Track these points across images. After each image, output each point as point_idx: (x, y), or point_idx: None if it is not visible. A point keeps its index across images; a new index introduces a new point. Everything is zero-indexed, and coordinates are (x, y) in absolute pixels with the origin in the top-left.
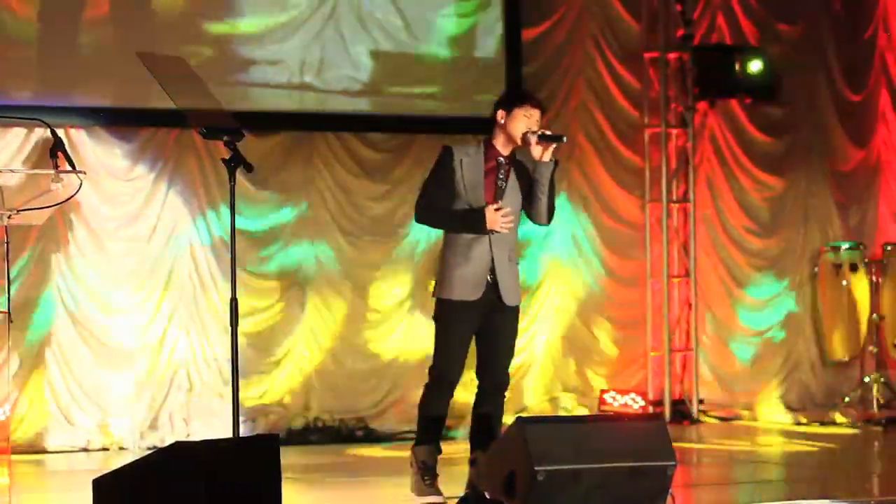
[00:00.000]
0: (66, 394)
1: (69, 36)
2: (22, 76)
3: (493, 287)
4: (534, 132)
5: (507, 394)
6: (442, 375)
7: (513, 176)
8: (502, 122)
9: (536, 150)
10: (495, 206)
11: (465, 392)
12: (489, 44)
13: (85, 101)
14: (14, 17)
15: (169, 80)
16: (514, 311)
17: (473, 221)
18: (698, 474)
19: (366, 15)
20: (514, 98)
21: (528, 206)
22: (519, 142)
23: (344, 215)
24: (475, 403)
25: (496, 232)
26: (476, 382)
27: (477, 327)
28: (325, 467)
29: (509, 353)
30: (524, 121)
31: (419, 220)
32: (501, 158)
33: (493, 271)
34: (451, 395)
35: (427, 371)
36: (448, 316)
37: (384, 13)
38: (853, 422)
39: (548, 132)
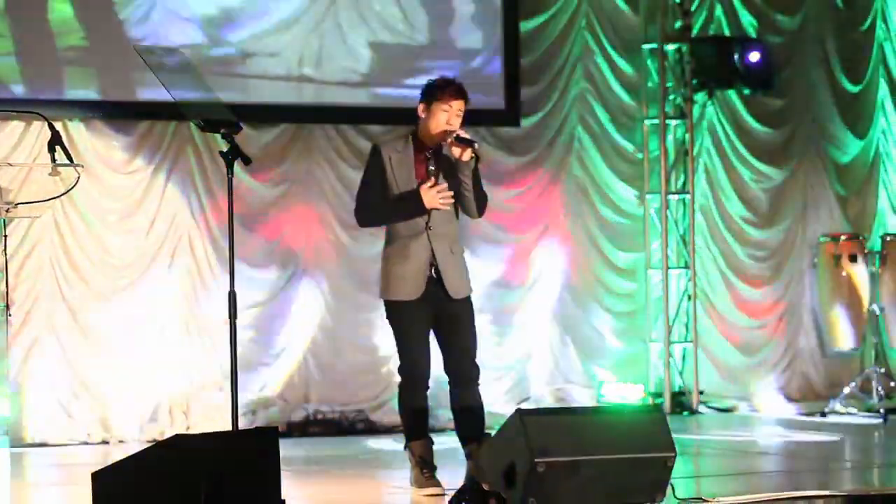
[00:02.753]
0: (65, 387)
1: (67, 29)
2: (20, 70)
3: (436, 281)
4: (449, 133)
5: (503, 385)
6: (410, 373)
7: (442, 167)
8: (423, 116)
9: (455, 150)
10: (429, 184)
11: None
12: (487, 35)
13: (82, 94)
14: (12, 10)
15: (166, 73)
16: (464, 303)
17: (411, 203)
18: (698, 465)
19: (364, 6)
20: (433, 91)
21: (458, 202)
22: (438, 139)
23: (343, 207)
24: (451, 399)
25: (433, 220)
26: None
27: (431, 319)
28: (324, 460)
29: (470, 343)
30: (443, 115)
31: (362, 222)
32: (429, 151)
33: (434, 266)
34: (427, 387)
35: (397, 371)
36: (396, 316)
37: (383, 4)
38: (853, 412)
39: (463, 134)
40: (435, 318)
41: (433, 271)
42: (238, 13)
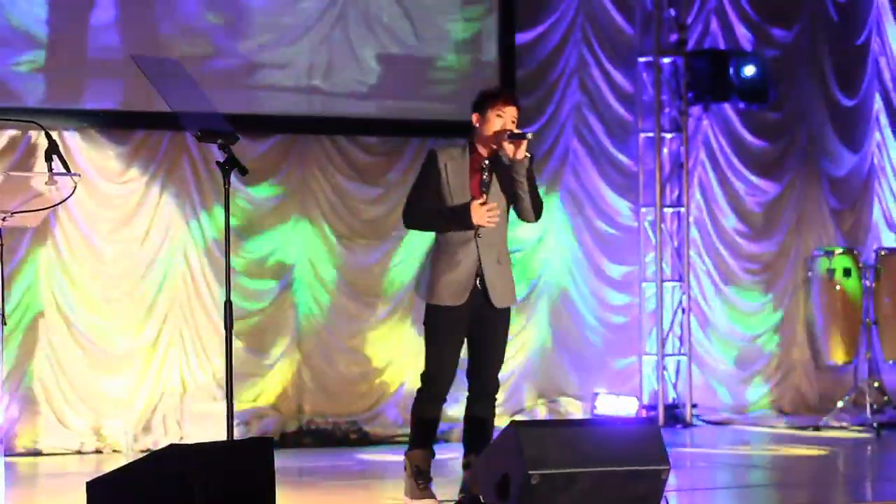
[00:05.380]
0: (59, 396)
1: (65, 39)
2: (16, 79)
3: (481, 290)
4: (503, 132)
5: (498, 396)
6: (433, 381)
7: (496, 177)
8: (477, 125)
9: (509, 149)
10: (480, 201)
11: (460, 394)
12: (487, 47)
13: (79, 103)
14: (10, 20)
15: (163, 83)
16: (504, 314)
17: (460, 217)
18: (692, 478)
19: (373, 19)
20: (485, 99)
21: (515, 206)
22: (493, 144)
23: (338, 218)
24: (466, 407)
25: (482, 228)
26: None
27: (467, 331)
28: (318, 470)
29: (500, 357)
30: (497, 120)
31: (408, 224)
32: (485, 161)
33: (480, 275)
34: (444, 400)
35: (420, 376)
36: (436, 321)
37: (391, 17)
38: (846, 426)
39: (516, 130)
40: (472, 326)
41: (478, 281)
42: (248, 25)
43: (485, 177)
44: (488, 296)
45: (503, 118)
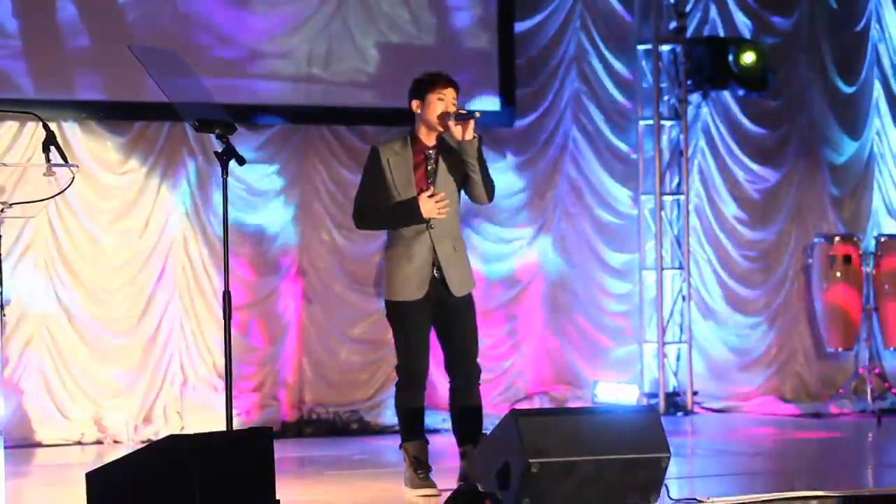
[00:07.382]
0: (59, 387)
1: (62, 28)
2: (13, 69)
3: (440, 281)
4: (449, 114)
5: (498, 386)
6: (408, 373)
7: (443, 164)
8: (419, 111)
9: (457, 131)
10: (428, 193)
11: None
12: (486, 35)
13: (77, 94)
14: (6, 9)
15: (161, 73)
16: (466, 300)
17: (410, 213)
18: (693, 466)
19: (374, 7)
20: (424, 84)
21: (467, 189)
22: (439, 127)
23: (338, 208)
24: (450, 399)
25: (434, 220)
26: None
27: (432, 319)
28: (319, 460)
29: (473, 341)
30: (439, 104)
31: (359, 225)
32: (430, 151)
33: (437, 266)
34: (424, 388)
35: (395, 370)
36: (398, 317)
37: (391, 5)
38: (847, 413)
39: (462, 111)
40: (436, 317)
41: (435, 271)
42: (246, 13)
43: (430, 166)
44: (448, 286)
45: (444, 100)
